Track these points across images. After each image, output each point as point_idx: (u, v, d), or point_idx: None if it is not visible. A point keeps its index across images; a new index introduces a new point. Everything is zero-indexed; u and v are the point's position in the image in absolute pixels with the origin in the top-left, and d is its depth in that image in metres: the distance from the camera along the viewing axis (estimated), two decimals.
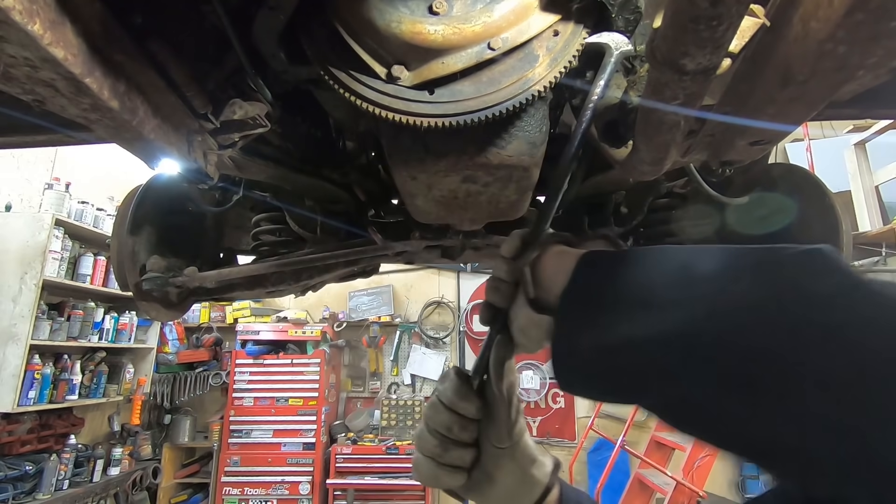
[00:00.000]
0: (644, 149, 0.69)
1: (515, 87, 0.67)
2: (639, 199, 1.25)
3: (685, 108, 0.55)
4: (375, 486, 4.02)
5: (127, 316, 3.98)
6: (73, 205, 3.59)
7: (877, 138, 3.13)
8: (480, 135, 0.74)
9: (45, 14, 0.45)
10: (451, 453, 0.56)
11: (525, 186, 0.84)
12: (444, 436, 0.56)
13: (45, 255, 3.17)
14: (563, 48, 0.68)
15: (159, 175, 1.32)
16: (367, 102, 0.68)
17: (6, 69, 0.48)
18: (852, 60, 0.46)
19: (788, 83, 0.52)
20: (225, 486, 4.09)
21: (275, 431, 4.24)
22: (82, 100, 0.55)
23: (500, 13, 0.65)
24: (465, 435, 0.56)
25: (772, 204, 1.14)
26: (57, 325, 3.36)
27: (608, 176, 1.05)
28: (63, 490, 3.31)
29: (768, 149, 0.77)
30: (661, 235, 1.32)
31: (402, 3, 0.65)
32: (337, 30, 0.68)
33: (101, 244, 3.70)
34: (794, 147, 3.98)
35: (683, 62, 0.48)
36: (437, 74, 0.66)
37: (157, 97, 0.66)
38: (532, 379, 4.68)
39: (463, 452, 0.56)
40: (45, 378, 3.25)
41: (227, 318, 4.87)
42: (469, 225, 1.08)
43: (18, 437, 3.18)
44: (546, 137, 0.77)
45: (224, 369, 4.64)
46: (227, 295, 1.48)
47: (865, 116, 0.95)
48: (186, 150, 0.75)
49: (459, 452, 0.56)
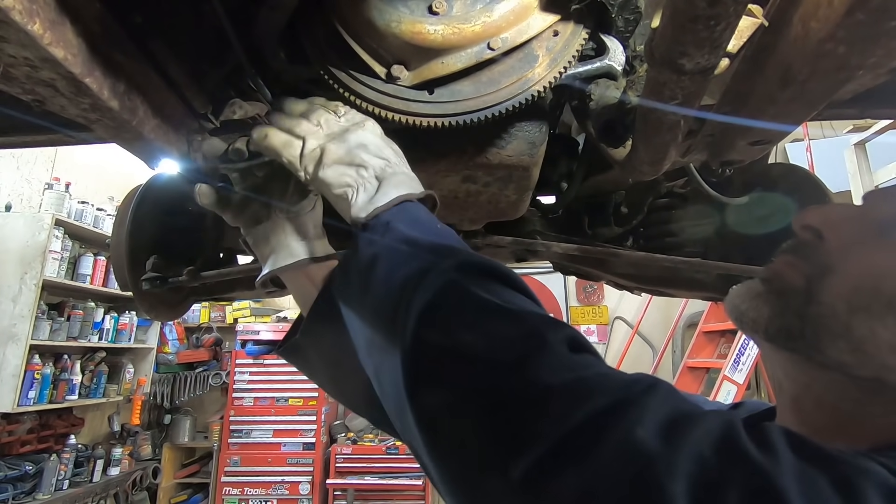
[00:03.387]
0: (643, 149, 0.69)
1: (515, 88, 0.67)
2: (639, 199, 1.25)
3: (684, 108, 0.55)
4: (375, 486, 4.02)
5: (127, 316, 3.98)
6: (73, 205, 3.59)
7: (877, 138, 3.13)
8: (480, 135, 0.74)
9: (45, 14, 0.45)
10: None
11: (525, 186, 0.84)
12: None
13: (45, 255, 3.16)
14: (562, 48, 0.68)
15: (159, 175, 1.32)
16: (366, 102, 0.68)
17: (6, 69, 0.49)
18: (852, 60, 0.46)
19: (788, 83, 0.52)
20: (225, 486, 4.09)
21: (275, 431, 4.24)
22: (82, 100, 0.55)
23: (499, 13, 0.65)
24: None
25: (772, 204, 1.14)
26: (57, 325, 3.35)
27: (607, 176, 1.05)
28: (63, 490, 3.30)
29: (768, 149, 0.77)
30: (661, 235, 1.32)
31: (401, 3, 0.65)
32: (337, 30, 0.68)
33: (101, 244, 3.69)
34: (794, 147, 3.98)
35: (682, 62, 0.48)
36: (436, 74, 0.66)
37: (156, 97, 0.66)
38: None
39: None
40: (45, 378, 3.24)
41: (227, 318, 4.86)
42: (469, 225, 1.08)
43: (18, 437, 3.18)
44: (546, 137, 0.77)
45: (224, 369, 4.64)
46: (227, 295, 1.48)
47: (865, 116, 0.95)
48: (186, 150, 0.75)
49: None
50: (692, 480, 0.27)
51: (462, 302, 0.41)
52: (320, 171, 0.59)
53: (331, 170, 0.58)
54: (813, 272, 0.43)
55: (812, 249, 0.45)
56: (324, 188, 0.60)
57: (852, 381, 0.41)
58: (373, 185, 0.57)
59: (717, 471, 0.28)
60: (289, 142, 0.61)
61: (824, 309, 0.41)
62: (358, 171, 0.58)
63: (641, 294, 1.60)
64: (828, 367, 0.42)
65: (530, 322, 0.39)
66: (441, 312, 0.41)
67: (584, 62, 0.72)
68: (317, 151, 0.60)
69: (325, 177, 0.58)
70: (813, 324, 0.42)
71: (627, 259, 1.19)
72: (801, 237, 0.47)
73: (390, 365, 0.42)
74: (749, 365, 3.52)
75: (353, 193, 0.57)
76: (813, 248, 0.45)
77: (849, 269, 0.41)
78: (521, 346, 0.37)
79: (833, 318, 0.41)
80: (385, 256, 0.48)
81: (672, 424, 0.30)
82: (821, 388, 0.43)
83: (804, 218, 0.46)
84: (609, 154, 0.78)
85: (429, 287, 0.42)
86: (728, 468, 0.28)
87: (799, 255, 0.46)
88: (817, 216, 0.46)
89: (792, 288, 0.44)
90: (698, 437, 0.29)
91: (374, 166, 0.58)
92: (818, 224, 0.45)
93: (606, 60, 0.72)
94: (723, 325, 4.08)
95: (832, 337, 0.41)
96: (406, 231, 0.50)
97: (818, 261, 0.43)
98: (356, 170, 0.58)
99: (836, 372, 0.41)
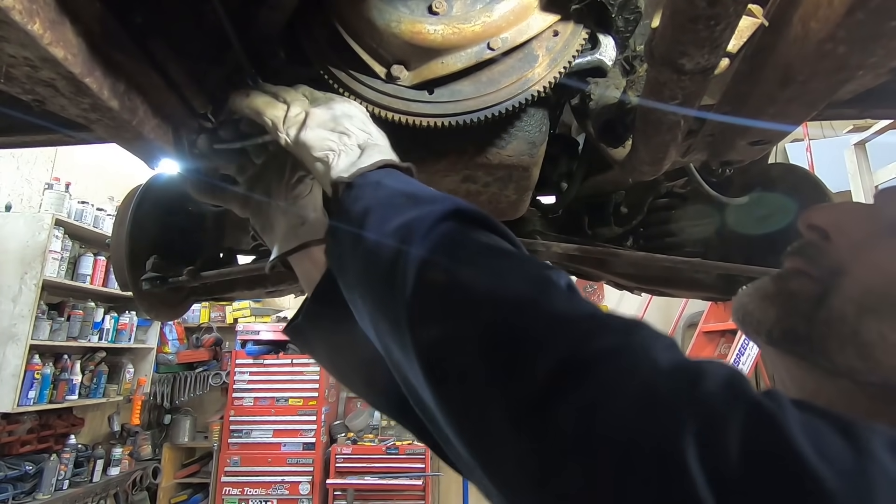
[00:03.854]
0: (643, 149, 0.69)
1: (515, 88, 0.67)
2: (638, 199, 1.25)
3: (684, 108, 0.55)
4: (375, 486, 4.02)
5: (127, 316, 3.98)
6: (73, 205, 3.59)
7: (877, 138, 3.12)
8: (480, 135, 0.74)
9: (45, 14, 0.45)
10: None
11: (525, 186, 0.84)
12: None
13: (45, 255, 3.16)
14: (562, 48, 0.68)
15: (159, 175, 1.32)
16: (366, 102, 0.68)
17: (6, 69, 0.49)
18: (852, 60, 0.46)
19: (788, 83, 0.52)
20: (225, 486, 4.09)
21: (275, 431, 4.24)
22: (82, 100, 0.55)
23: (499, 13, 0.65)
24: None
25: (772, 204, 1.14)
26: (57, 325, 3.35)
27: (607, 176, 1.05)
28: (63, 490, 3.30)
29: (768, 149, 0.77)
30: (661, 235, 1.32)
31: (401, 3, 0.65)
32: (337, 29, 0.68)
33: (101, 244, 3.69)
34: (794, 147, 3.98)
35: (682, 62, 0.48)
36: (436, 74, 0.66)
37: (156, 97, 0.66)
38: None
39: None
40: (45, 378, 3.24)
41: (227, 318, 4.86)
42: None
43: (18, 437, 3.18)
44: (546, 137, 0.77)
45: (224, 369, 4.64)
46: (227, 295, 1.48)
47: (865, 116, 0.95)
48: (186, 150, 0.75)
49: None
50: (697, 410, 0.27)
51: (464, 244, 0.40)
52: (302, 133, 0.58)
53: (313, 132, 0.57)
54: (824, 275, 0.42)
55: (820, 251, 0.44)
56: (304, 152, 0.58)
57: (861, 387, 0.40)
58: (355, 152, 0.56)
59: (723, 401, 0.27)
60: (271, 102, 0.61)
61: (834, 313, 0.40)
62: (340, 138, 0.57)
63: (641, 294, 1.60)
64: (835, 374, 0.40)
65: (534, 264, 0.39)
66: (442, 254, 0.39)
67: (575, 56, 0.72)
68: (301, 115, 0.59)
69: (307, 139, 0.57)
70: (820, 328, 0.41)
71: (627, 259, 1.19)
72: (807, 237, 0.45)
73: (393, 315, 0.40)
74: (749, 365, 3.52)
75: (334, 157, 0.56)
76: (821, 249, 0.44)
77: (858, 272, 0.40)
78: (526, 285, 0.36)
79: (841, 323, 0.39)
80: (376, 208, 0.47)
81: (679, 362, 0.30)
82: (829, 396, 0.42)
83: (810, 217, 0.45)
84: (609, 154, 0.78)
85: (428, 234, 0.41)
86: (733, 402, 0.27)
87: (807, 258, 0.44)
88: (823, 216, 0.45)
89: (804, 291, 0.43)
90: (705, 370, 0.29)
91: (357, 136, 0.57)
92: (824, 224, 0.44)
93: (597, 55, 0.72)
94: (723, 325, 4.08)
95: (840, 342, 0.39)
96: (397, 185, 0.49)
97: (829, 263, 0.42)
98: (339, 136, 0.57)
99: (845, 378, 0.40)
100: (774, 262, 0.50)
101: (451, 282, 0.38)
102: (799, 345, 0.42)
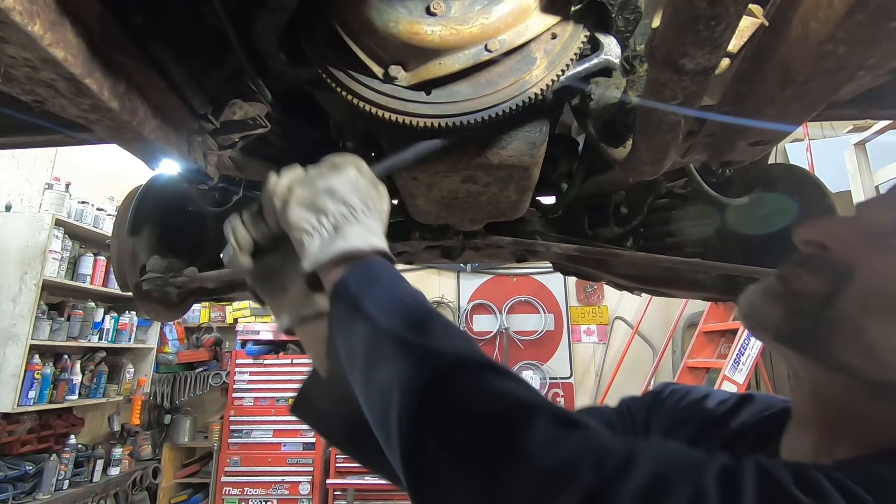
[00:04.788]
0: (643, 149, 0.69)
1: (513, 89, 0.67)
2: (639, 200, 1.25)
3: (684, 108, 0.55)
4: (375, 486, 4.02)
5: (127, 316, 3.98)
6: (73, 205, 3.59)
7: (877, 138, 3.12)
8: (481, 135, 0.74)
9: (45, 15, 0.45)
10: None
11: (525, 186, 0.84)
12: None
13: (45, 255, 3.16)
14: (561, 51, 0.68)
15: (159, 175, 1.32)
16: (364, 102, 0.68)
17: (6, 70, 0.49)
18: (852, 61, 0.46)
19: (788, 83, 0.52)
20: (225, 486, 4.09)
21: (275, 431, 4.23)
22: (82, 100, 0.55)
23: (497, 15, 0.65)
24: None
25: (772, 204, 1.14)
26: (57, 325, 3.35)
27: (607, 176, 1.05)
28: (63, 490, 3.30)
29: (768, 149, 0.77)
30: (661, 235, 1.32)
31: (400, 4, 0.65)
32: (336, 30, 0.68)
33: (101, 244, 3.69)
34: (794, 147, 3.98)
35: (682, 62, 0.48)
36: (434, 75, 0.66)
37: (157, 97, 0.66)
38: (532, 379, 4.68)
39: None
40: (45, 378, 3.24)
41: (227, 318, 4.86)
42: (469, 225, 1.08)
43: (18, 437, 3.18)
44: (546, 138, 0.77)
45: (224, 369, 4.64)
46: (227, 295, 1.48)
47: (865, 116, 0.95)
48: (186, 151, 0.75)
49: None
50: None
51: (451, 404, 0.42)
52: (286, 211, 0.59)
53: (293, 211, 0.59)
54: (831, 277, 0.43)
55: (822, 260, 0.45)
56: (288, 229, 0.60)
57: (862, 384, 0.41)
58: (326, 234, 0.57)
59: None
60: (273, 177, 0.63)
61: (840, 313, 0.41)
62: (318, 217, 0.57)
63: (641, 294, 1.60)
64: (838, 370, 0.42)
65: (516, 400, 0.40)
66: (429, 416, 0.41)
67: (581, 61, 0.72)
68: (286, 191, 0.60)
69: (289, 217, 0.59)
70: (825, 327, 0.42)
71: (627, 259, 1.19)
72: (806, 252, 0.46)
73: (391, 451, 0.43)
74: (749, 365, 3.52)
75: (308, 241, 0.57)
76: (823, 258, 0.45)
77: (864, 275, 0.42)
78: (509, 425, 0.38)
79: (846, 322, 0.41)
80: (360, 343, 0.49)
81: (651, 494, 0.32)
82: (832, 389, 0.44)
83: (803, 234, 0.47)
84: (609, 154, 0.78)
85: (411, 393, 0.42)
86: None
87: (810, 267, 0.45)
88: (816, 230, 0.46)
89: (812, 291, 0.44)
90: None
91: (334, 213, 0.57)
92: (819, 237, 0.45)
93: (603, 56, 0.72)
94: (723, 325, 4.08)
95: (844, 340, 0.41)
96: (352, 288, 0.52)
97: (836, 266, 0.43)
98: (316, 215, 0.58)
99: (846, 375, 0.42)
100: (774, 262, 0.50)
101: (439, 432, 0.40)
102: (804, 342, 0.44)
